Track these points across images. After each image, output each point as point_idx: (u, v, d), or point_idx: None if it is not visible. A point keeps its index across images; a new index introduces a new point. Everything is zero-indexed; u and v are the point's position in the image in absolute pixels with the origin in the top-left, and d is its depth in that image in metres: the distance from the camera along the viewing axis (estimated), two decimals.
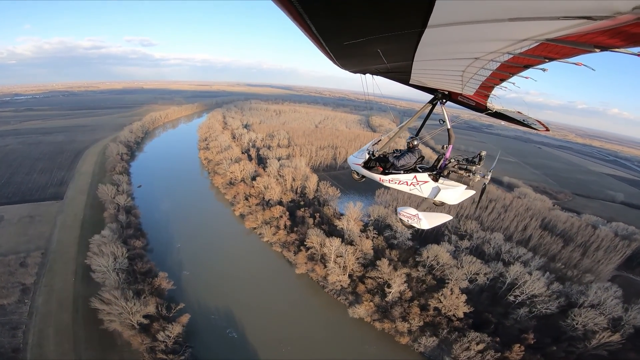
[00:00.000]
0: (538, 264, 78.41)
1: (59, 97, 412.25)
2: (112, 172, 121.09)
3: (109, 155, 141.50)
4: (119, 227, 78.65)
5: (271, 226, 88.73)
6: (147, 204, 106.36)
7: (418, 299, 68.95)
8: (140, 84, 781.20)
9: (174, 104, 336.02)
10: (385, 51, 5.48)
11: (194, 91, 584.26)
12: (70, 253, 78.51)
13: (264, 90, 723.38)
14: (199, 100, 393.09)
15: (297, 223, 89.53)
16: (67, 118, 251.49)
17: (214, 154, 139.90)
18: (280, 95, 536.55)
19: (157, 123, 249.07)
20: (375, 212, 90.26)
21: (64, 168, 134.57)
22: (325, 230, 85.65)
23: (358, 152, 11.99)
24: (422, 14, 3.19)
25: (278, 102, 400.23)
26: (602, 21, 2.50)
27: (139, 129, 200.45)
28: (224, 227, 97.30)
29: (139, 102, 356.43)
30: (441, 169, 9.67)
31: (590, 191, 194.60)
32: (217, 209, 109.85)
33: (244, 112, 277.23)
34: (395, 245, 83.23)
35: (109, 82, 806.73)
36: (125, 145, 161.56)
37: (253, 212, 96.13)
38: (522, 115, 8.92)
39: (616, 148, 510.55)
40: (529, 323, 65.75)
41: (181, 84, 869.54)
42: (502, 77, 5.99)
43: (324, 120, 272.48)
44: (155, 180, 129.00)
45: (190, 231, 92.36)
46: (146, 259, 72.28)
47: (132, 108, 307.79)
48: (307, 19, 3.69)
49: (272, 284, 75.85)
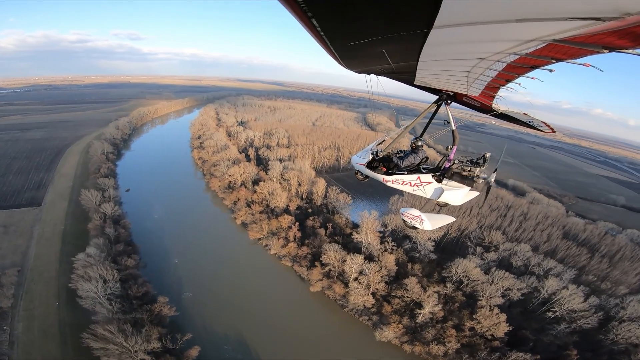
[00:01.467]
0: (570, 277, 73.82)
1: (41, 90, 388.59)
2: (97, 175, 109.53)
3: (92, 154, 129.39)
4: (107, 242, 68.51)
5: (279, 237, 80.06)
6: (136, 210, 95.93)
7: (451, 318, 62.36)
8: (127, 78, 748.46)
9: (162, 99, 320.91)
10: (390, 52, 5.35)
11: (183, 86, 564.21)
12: (50, 272, 68.17)
13: (255, 85, 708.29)
14: (188, 95, 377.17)
15: (308, 234, 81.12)
16: (48, 113, 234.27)
17: (209, 154, 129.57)
18: (273, 91, 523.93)
19: (146, 119, 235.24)
20: (392, 222, 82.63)
21: (42, 169, 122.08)
22: (339, 242, 77.77)
23: (362, 152, 11.76)
24: (428, 15, 3.14)
25: (271, 98, 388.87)
26: (611, 22, 2.45)
27: (125, 125, 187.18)
28: (224, 237, 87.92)
29: (126, 96, 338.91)
30: (445, 170, 9.54)
31: (591, 194, 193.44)
32: (216, 216, 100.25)
33: (237, 108, 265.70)
34: (417, 258, 76.14)
35: (94, 76, 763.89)
36: (111, 143, 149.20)
37: (257, 221, 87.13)
38: (528, 117, 8.75)
39: (603, 148, 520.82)
40: (569, 338, 62.43)
41: (170, 78, 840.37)
42: (508, 78, 5.92)
43: (320, 117, 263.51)
44: (145, 183, 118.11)
45: (187, 243, 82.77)
46: (141, 280, 62.64)
47: (118, 103, 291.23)
48: (313, 19, 3.62)
49: (284, 303, 67.50)
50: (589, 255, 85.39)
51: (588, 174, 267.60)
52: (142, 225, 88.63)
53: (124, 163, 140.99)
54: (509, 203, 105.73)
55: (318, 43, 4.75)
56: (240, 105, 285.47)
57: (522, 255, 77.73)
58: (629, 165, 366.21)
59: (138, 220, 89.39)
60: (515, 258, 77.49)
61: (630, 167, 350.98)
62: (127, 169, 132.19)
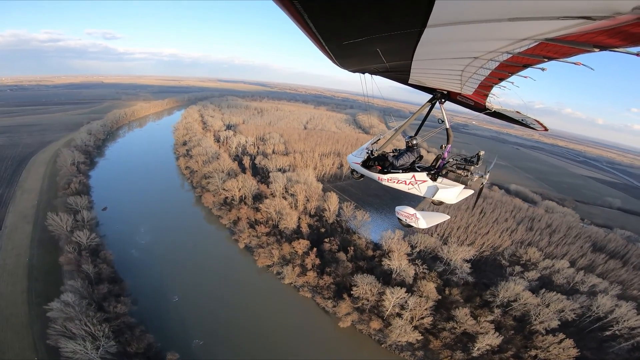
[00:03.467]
0: (616, 293, 68.58)
1: (6, 91, 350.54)
2: (67, 191, 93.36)
3: (61, 165, 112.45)
4: (86, 283, 54.66)
5: (294, 265, 68.67)
6: (118, 235, 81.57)
7: (508, 347, 54.17)
8: (101, 77, 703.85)
9: (140, 100, 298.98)
10: (384, 51, 5.34)
11: (161, 86, 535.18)
12: (19, 317, 54.30)
13: (237, 86, 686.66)
14: (168, 95, 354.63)
15: (327, 260, 70.29)
16: (12, 115, 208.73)
17: (199, 163, 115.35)
18: (257, 92, 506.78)
19: (122, 122, 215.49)
20: (420, 242, 73.31)
21: (2, 183, 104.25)
22: (363, 267, 67.61)
23: (357, 151, 11.58)
24: (422, 14, 3.16)
25: (256, 99, 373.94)
26: (602, 21, 2.49)
27: (99, 130, 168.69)
28: (228, 265, 75.05)
29: (99, 97, 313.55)
30: (440, 168, 9.56)
31: (586, 197, 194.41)
32: (213, 238, 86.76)
33: (222, 110, 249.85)
34: (453, 282, 67.41)
35: (65, 76, 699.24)
36: (83, 151, 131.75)
37: (264, 245, 75.18)
38: (520, 115, 8.70)
39: (579, 147, 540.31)
40: (631, 355, 59.52)
41: (147, 78, 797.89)
42: (501, 77, 5.92)
43: (311, 119, 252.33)
44: (125, 198, 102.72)
45: (185, 274, 69.70)
46: (138, 331, 49.94)
47: (90, 104, 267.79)
48: (307, 18, 3.60)
49: (311, 342, 57.00)
50: (621, 266, 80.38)
51: (574, 174, 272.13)
52: (127, 254, 74.71)
53: (98, 174, 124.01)
54: (532, 214, 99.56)
55: (312, 42, 4.68)
56: (225, 106, 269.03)
57: (564, 272, 70.87)
58: (607, 164, 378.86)
59: (121, 248, 75.45)
60: (557, 276, 70.43)
61: (609, 166, 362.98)
62: (102, 181, 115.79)
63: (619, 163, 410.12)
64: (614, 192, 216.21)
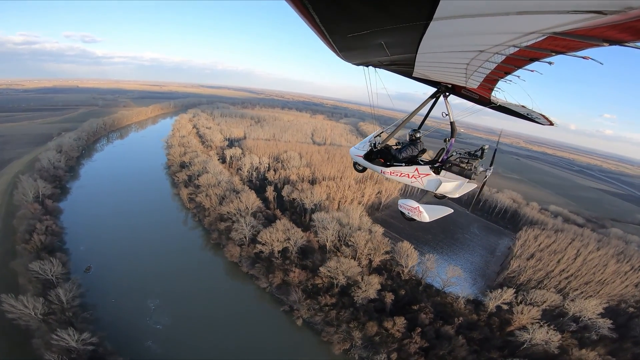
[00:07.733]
0: None
1: None
2: (28, 247, 65.53)
3: (20, 199, 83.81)
4: None
5: (389, 350, 45.81)
6: (117, 312, 56.36)
7: None
8: (76, 82, 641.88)
9: (119, 107, 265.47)
10: (389, 43, 5.23)
11: (142, 91, 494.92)
12: None
13: (222, 92, 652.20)
14: (150, 102, 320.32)
15: (429, 337, 48.08)
16: None
17: (212, 200, 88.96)
18: (247, 99, 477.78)
19: (100, 133, 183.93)
20: (535, 296, 53.05)
21: None
22: (479, 340, 46.22)
23: (360, 144, 11.36)
24: (429, 6, 3.09)
25: (247, 107, 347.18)
26: (612, 16, 2.46)
27: (72, 145, 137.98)
28: (291, 353, 51.03)
29: (73, 102, 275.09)
30: (443, 161, 9.40)
31: (613, 214, 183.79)
32: (255, 309, 61.54)
33: (216, 119, 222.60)
34: (587, 340, 48.19)
35: (38, 80, 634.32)
36: (51, 176, 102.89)
37: (333, 322, 51.87)
38: (526, 109, 8.48)
39: (565, 155, 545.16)
40: None
41: (127, 83, 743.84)
42: (507, 70, 5.78)
43: (315, 131, 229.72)
44: (113, 246, 76.25)
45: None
46: None
47: (63, 110, 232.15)
48: (312, 10, 3.56)
49: None
50: None
51: (584, 187, 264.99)
52: (142, 347, 49.25)
53: (73, 206, 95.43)
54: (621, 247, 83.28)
55: (316, 34, 4.60)
56: (218, 115, 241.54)
57: None
58: (601, 173, 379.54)
59: (131, 339, 50.31)
60: None
61: (604, 175, 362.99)
62: (79, 217, 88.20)
63: (610, 171, 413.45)
64: (629, 206, 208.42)
